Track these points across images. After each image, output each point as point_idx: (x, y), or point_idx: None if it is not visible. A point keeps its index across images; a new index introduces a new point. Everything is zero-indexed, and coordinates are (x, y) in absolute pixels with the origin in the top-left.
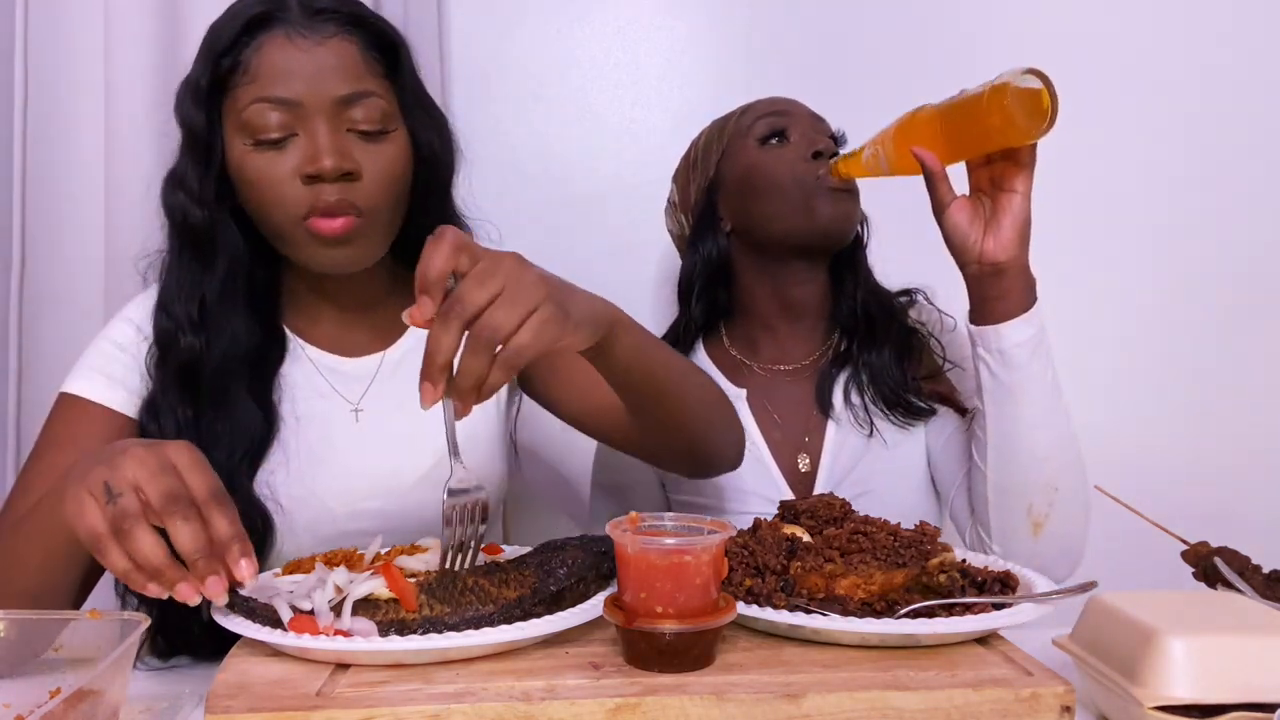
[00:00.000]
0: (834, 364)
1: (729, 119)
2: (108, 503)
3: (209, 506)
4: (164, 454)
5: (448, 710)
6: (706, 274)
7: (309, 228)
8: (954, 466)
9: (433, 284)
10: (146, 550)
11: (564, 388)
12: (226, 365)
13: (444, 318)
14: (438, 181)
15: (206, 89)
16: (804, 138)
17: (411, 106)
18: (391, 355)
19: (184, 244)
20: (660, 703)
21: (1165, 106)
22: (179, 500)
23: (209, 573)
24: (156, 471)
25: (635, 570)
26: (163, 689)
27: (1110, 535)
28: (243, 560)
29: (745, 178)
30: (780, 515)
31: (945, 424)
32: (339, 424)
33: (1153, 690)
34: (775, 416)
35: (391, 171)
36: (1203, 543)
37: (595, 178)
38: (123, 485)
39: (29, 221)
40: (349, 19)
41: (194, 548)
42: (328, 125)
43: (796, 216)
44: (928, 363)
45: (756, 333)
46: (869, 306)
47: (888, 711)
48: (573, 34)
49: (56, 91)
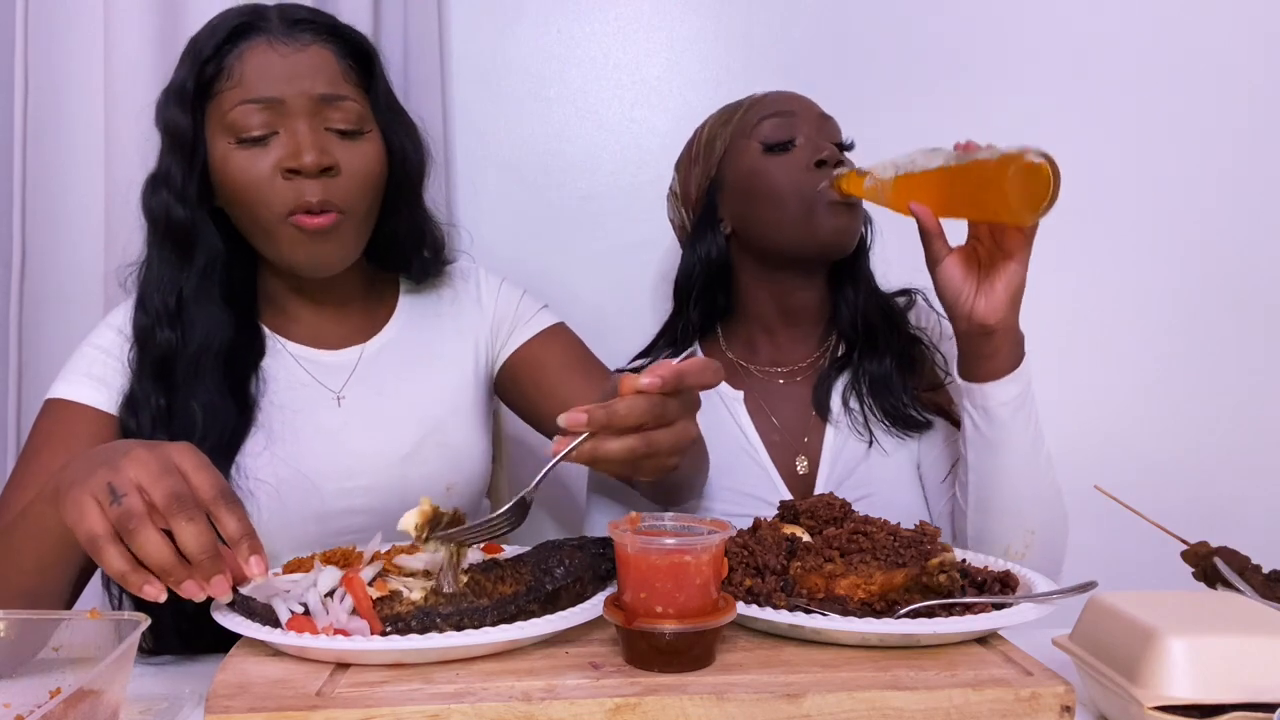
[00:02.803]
0: (832, 367)
1: (734, 112)
2: (111, 503)
3: (216, 506)
4: (166, 455)
5: (448, 710)
6: (705, 275)
7: (294, 224)
8: (943, 479)
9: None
10: (152, 549)
11: (547, 402)
12: (201, 358)
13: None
14: (409, 184)
15: (191, 93)
16: (809, 143)
17: (384, 112)
18: (370, 347)
19: (164, 242)
20: (660, 703)
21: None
22: (184, 501)
23: (214, 572)
24: (160, 473)
25: (635, 570)
26: (163, 689)
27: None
28: (253, 558)
29: (746, 183)
30: (780, 515)
31: (939, 436)
32: (322, 409)
33: (1153, 690)
34: (773, 419)
35: (369, 169)
36: (1203, 543)
37: (595, 178)
38: (126, 486)
39: (29, 221)
40: (325, 29)
41: (199, 547)
42: (308, 123)
43: (795, 228)
44: (929, 374)
45: (755, 335)
46: (870, 315)
47: (888, 711)
48: (573, 34)
49: (56, 91)
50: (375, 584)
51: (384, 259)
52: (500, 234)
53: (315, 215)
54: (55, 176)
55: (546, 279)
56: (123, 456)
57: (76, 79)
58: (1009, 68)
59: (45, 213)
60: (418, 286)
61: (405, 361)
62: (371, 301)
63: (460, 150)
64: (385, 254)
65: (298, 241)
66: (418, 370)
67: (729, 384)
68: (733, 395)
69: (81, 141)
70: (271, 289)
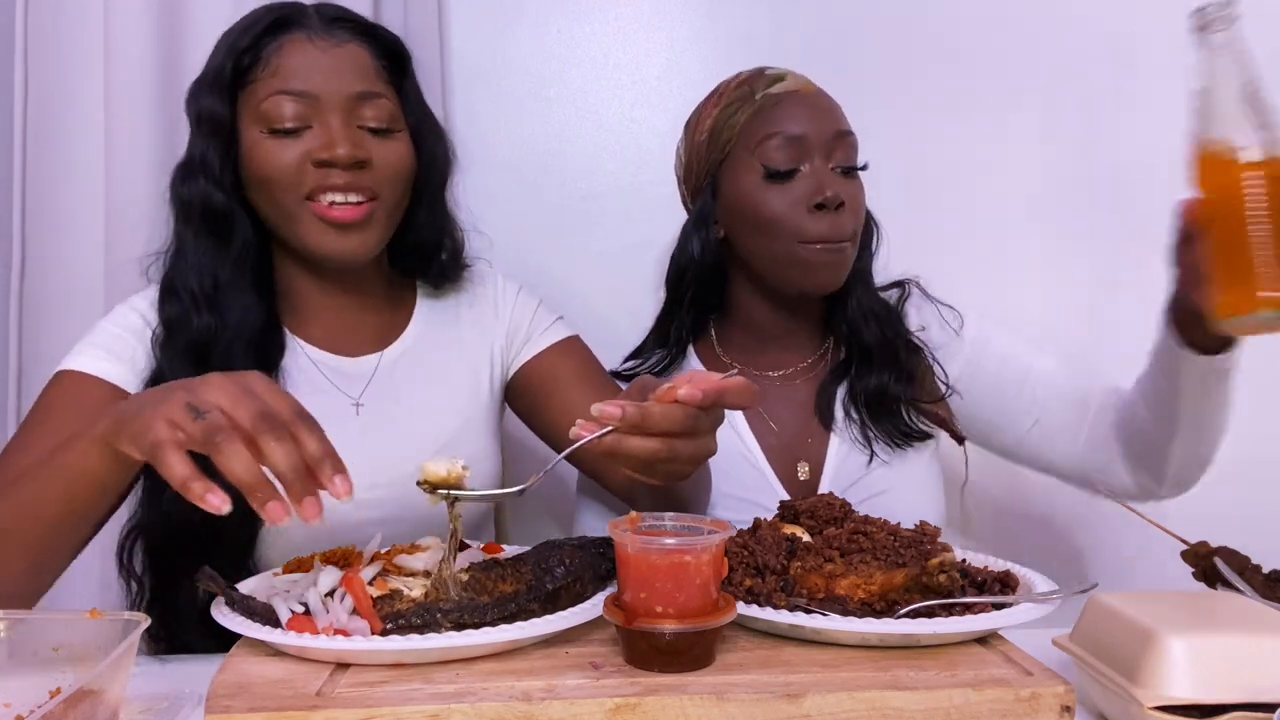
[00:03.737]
0: (832, 375)
1: (741, 106)
2: (195, 420)
3: (296, 426)
4: (243, 379)
5: (448, 710)
6: (698, 274)
7: (319, 212)
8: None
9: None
10: (241, 463)
11: (555, 414)
12: (234, 345)
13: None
14: (435, 186)
15: (228, 80)
16: (813, 177)
17: (415, 113)
18: (389, 355)
19: (201, 228)
20: (660, 703)
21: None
22: (272, 419)
23: (306, 493)
24: (240, 394)
25: (635, 570)
26: (163, 689)
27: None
28: (337, 477)
29: (740, 203)
30: (780, 515)
31: (941, 446)
32: (340, 416)
33: (1153, 690)
34: (771, 424)
35: (401, 164)
36: (1203, 543)
37: (595, 178)
38: (208, 406)
39: (29, 221)
40: (362, 29)
41: (290, 465)
42: (341, 119)
43: (780, 265)
44: (929, 386)
45: (749, 339)
46: (866, 328)
47: (888, 711)
48: (573, 34)
49: (56, 92)
50: (375, 583)
51: (405, 261)
52: (500, 234)
53: (347, 207)
54: (55, 176)
55: (546, 279)
56: (198, 383)
57: (76, 79)
58: (1009, 69)
59: (45, 213)
60: (436, 290)
61: (423, 370)
62: (390, 305)
63: (460, 150)
64: (407, 256)
65: (321, 231)
66: (434, 380)
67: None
68: None
69: (81, 142)
70: (292, 288)
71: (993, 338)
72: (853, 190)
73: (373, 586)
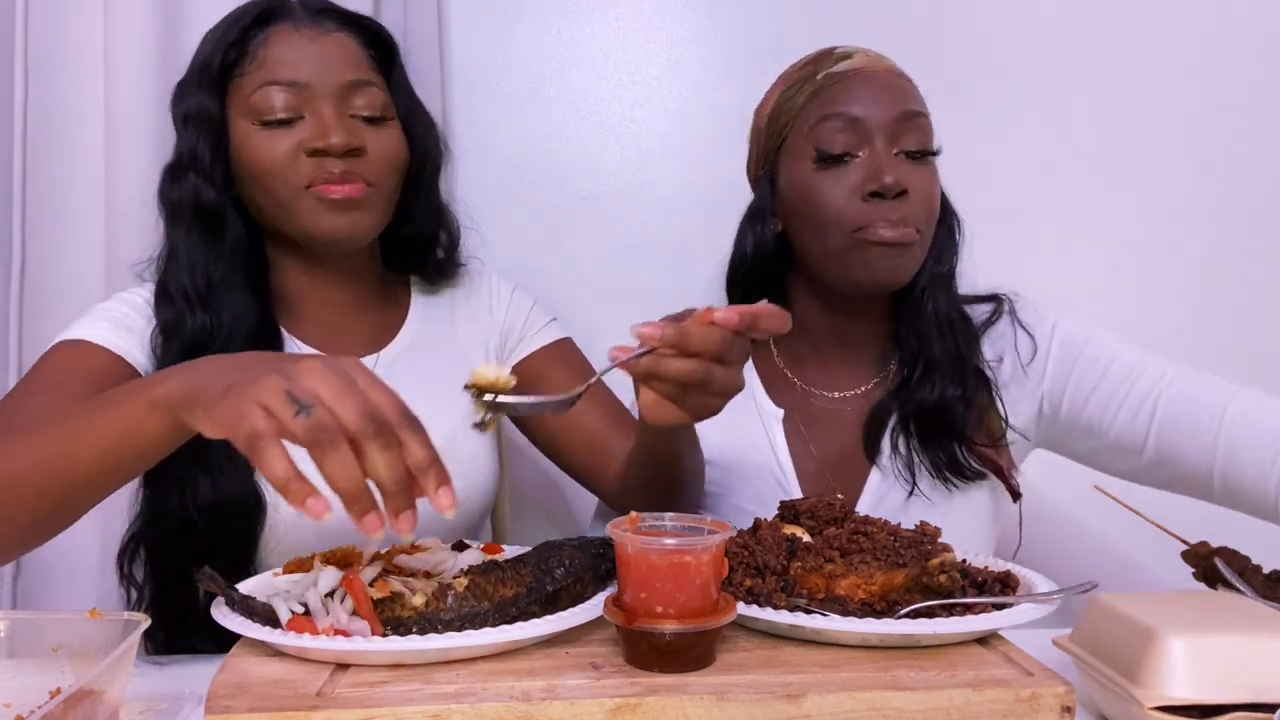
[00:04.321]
0: (888, 400)
1: (801, 87)
2: (297, 414)
3: (403, 429)
4: (344, 368)
5: (448, 710)
6: (752, 271)
7: (317, 194)
8: (984, 539)
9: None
10: (345, 471)
11: (547, 420)
12: (229, 347)
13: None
14: (429, 177)
15: (216, 75)
16: (870, 161)
17: (405, 102)
18: (385, 356)
19: (193, 226)
20: (660, 703)
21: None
22: (380, 423)
23: (405, 507)
24: (344, 389)
25: (635, 570)
26: (163, 689)
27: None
28: (441, 489)
29: (793, 192)
30: (780, 515)
31: (983, 494)
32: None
33: (1153, 690)
34: (811, 447)
35: (394, 152)
36: (1203, 543)
37: (595, 178)
38: (310, 397)
39: (29, 221)
40: (348, 19)
41: (393, 478)
42: (333, 108)
43: (834, 261)
44: (991, 424)
45: (803, 350)
46: (937, 339)
47: (888, 711)
48: (573, 34)
49: (56, 92)
50: (376, 585)
51: (401, 256)
52: (500, 234)
53: (341, 184)
54: (55, 177)
55: (546, 279)
56: (294, 367)
57: (76, 79)
58: (1010, 70)
59: (45, 213)
60: (431, 288)
61: (419, 372)
62: (385, 304)
63: (460, 150)
64: (403, 251)
65: (320, 211)
66: (430, 382)
67: (770, 397)
68: (771, 412)
69: (81, 141)
70: (287, 288)
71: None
72: (922, 177)
73: (373, 588)
